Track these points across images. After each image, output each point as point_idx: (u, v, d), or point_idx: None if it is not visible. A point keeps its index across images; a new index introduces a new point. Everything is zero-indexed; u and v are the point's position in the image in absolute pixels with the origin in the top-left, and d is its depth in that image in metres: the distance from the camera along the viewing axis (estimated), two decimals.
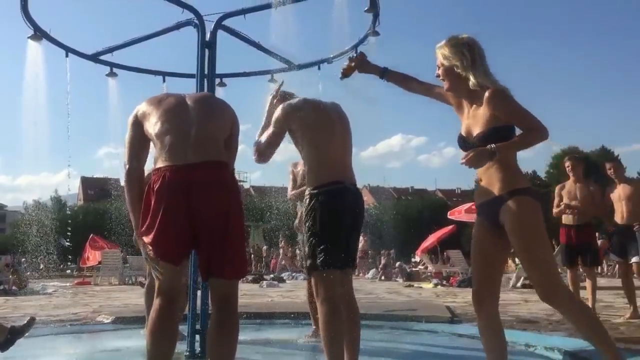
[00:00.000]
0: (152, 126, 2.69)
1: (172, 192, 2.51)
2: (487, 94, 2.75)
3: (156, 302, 2.66)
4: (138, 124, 2.77)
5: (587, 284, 7.16)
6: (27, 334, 4.43)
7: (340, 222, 3.10)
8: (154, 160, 2.68)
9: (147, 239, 2.60)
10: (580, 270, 7.45)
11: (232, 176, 2.71)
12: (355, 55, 5.70)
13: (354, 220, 3.20)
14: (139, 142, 2.77)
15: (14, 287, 13.27)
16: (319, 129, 3.22)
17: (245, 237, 2.73)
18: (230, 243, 2.57)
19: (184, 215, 2.51)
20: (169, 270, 2.62)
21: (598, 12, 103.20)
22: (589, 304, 6.98)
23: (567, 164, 7.43)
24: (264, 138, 3.30)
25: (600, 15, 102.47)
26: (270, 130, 3.28)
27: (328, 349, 2.96)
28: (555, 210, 7.32)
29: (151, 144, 2.74)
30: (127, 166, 2.77)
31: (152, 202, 2.54)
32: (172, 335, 2.69)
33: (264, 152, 3.30)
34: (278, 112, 3.27)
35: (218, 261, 2.59)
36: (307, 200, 3.17)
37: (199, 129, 2.63)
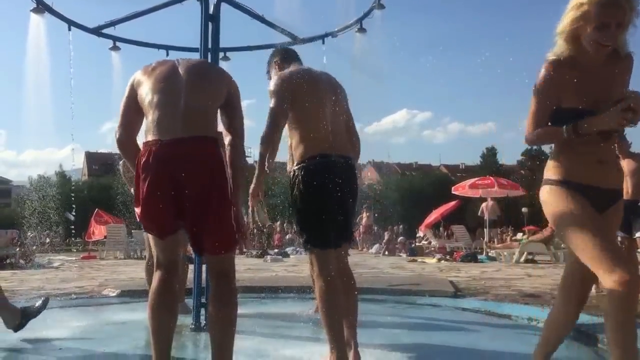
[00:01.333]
0: (144, 97, 2.68)
1: (157, 167, 2.51)
2: (630, 59, 2.52)
3: (155, 275, 2.69)
4: (132, 92, 2.76)
5: None
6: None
7: (322, 197, 3.00)
8: (144, 133, 2.66)
9: (137, 212, 2.63)
10: None
11: (217, 151, 2.60)
12: (360, 28, 5.67)
13: (343, 194, 3.06)
14: (131, 111, 2.76)
15: (20, 261, 13.38)
16: (306, 102, 3.10)
17: (237, 213, 2.64)
18: (214, 219, 2.56)
19: (168, 189, 2.51)
20: (160, 243, 2.66)
21: None
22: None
23: None
24: (265, 127, 3.10)
25: None
26: (271, 105, 3.10)
27: (326, 322, 2.98)
28: None
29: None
30: (117, 135, 2.78)
31: (140, 176, 2.56)
32: (172, 307, 2.70)
33: (273, 130, 3.07)
34: (274, 83, 3.15)
35: (204, 237, 2.61)
36: (291, 176, 3.14)
37: (188, 102, 2.60)
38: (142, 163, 2.55)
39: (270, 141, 3.05)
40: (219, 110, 2.78)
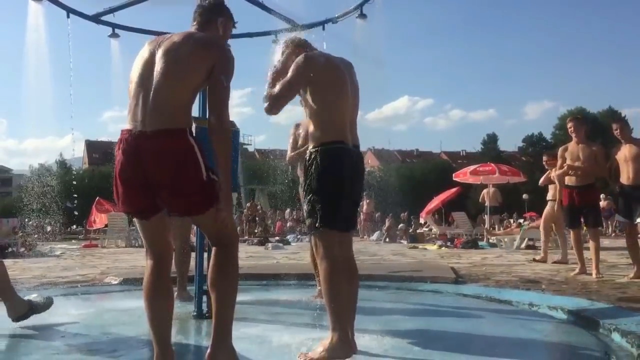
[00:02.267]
0: (130, 79, 2.73)
1: (126, 157, 2.59)
2: None
3: (146, 264, 2.73)
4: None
5: (590, 244, 7.20)
6: (37, 296, 4.50)
7: (339, 181, 3.08)
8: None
9: (115, 196, 2.70)
10: (584, 230, 7.48)
11: (183, 142, 2.57)
12: (360, 14, 5.64)
13: (353, 182, 3.17)
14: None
15: (22, 250, 13.41)
16: (333, 88, 3.16)
17: (207, 191, 2.61)
18: (185, 198, 2.60)
19: (138, 176, 2.57)
20: (144, 225, 2.72)
21: None
22: (592, 264, 7.04)
23: (569, 125, 7.43)
24: (278, 88, 3.19)
25: None
26: (287, 79, 3.16)
27: (330, 304, 2.99)
28: (557, 172, 7.33)
29: None
30: None
31: (114, 163, 2.66)
32: (165, 292, 2.72)
33: (276, 104, 3.19)
34: (300, 61, 3.16)
35: (178, 203, 2.64)
36: (307, 157, 3.17)
37: (157, 92, 2.60)
38: (115, 151, 2.64)
39: (275, 107, 3.17)
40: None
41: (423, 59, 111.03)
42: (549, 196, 9.77)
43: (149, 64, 2.68)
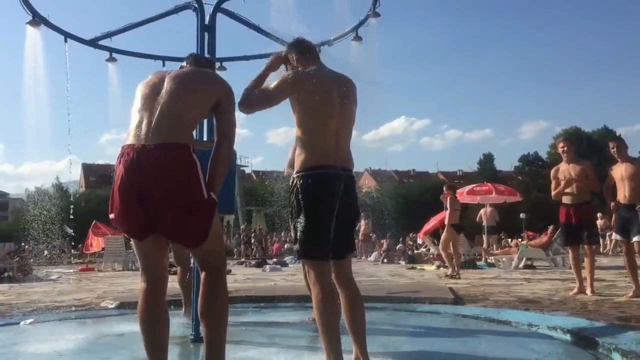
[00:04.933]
0: (133, 104, 2.78)
1: (125, 172, 2.57)
2: None
3: (140, 287, 2.74)
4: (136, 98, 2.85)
5: (586, 262, 7.21)
6: (33, 321, 4.46)
7: (317, 209, 2.99)
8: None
9: (111, 217, 2.67)
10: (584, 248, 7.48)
11: (185, 157, 2.60)
12: (355, 37, 5.69)
13: (342, 207, 3.06)
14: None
15: (19, 274, 13.32)
16: (317, 112, 3.08)
17: (207, 210, 2.64)
18: (181, 216, 2.57)
19: (135, 193, 2.55)
20: (139, 247, 2.71)
21: None
22: (587, 282, 7.03)
23: (562, 144, 7.52)
24: (258, 92, 3.14)
25: None
26: (272, 85, 3.12)
27: (322, 330, 2.95)
28: (554, 192, 7.36)
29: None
30: None
31: (113, 179, 2.65)
32: (160, 316, 2.71)
33: (253, 103, 3.12)
34: (290, 74, 3.15)
35: (176, 232, 2.63)
36: (290, 182, 3.12)
37: (163, 109, 2.65)
38: (116, 166, 2.63)
39: (250, 106, 3.12)
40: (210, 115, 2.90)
41: (419, 80, 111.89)
42: (446, 221, 11.34)
43: (155, 86, 2.76)
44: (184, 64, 3.24)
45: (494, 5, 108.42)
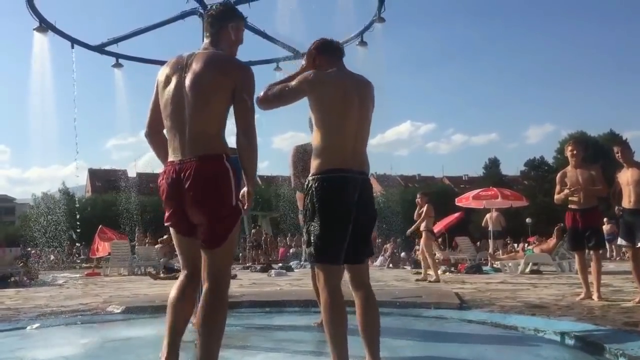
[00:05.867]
0: (162, 116, 2.98)
1: (169, 183, 2.88)
2: None
3: (180, 275, 3.04)
4: (155, 94, 3.05)
5: (592, 267, 7.17)
6: (39, 325, 4.47)
7: (336, 212, 3.00)
8: None
9: (167, 224, 2.99)
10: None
11: (216, 165, 2.83)
12: (361, 42, 5.71)
13: (358, 211, 3.06)
14: (153, 111, 3.06)
15: (25, 279, 13.36)
16: (335, 115, 3.08)
17: (232, 217, 2.88)
18: (209, 219, 2.84)
19: (179, 203, 2.87)
20: (181, 243, 2.99)
21: None
22: (594, 286, 7.00)
23: (571, 148, 7.43)
24: (278, 86, 3.17)
25: None
26: (292, 83, 3.13)
27: (328, 333, 2.96)
28: (556, 196, 7.34)
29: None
30: (145, 130, 3.12)
31: (159, 189, 2.98)
32: (184, 302, 2.94)
33: (270, 99, 3.15)
34: (311, 73, 3.13)
35: (205, 236, 2.89)
36: (306, 185, 3.13)
37: (191, 127, 2.85)
38: (159, 181, 2.97)
39: (267, 102, 3.16)
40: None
41: (425, 84, 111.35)
42: (422, 227, 11.72)
43: (176, 97, 2.90)
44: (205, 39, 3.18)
45: (500, 9, 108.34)
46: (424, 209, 11.72)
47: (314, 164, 3.10)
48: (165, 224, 3.00)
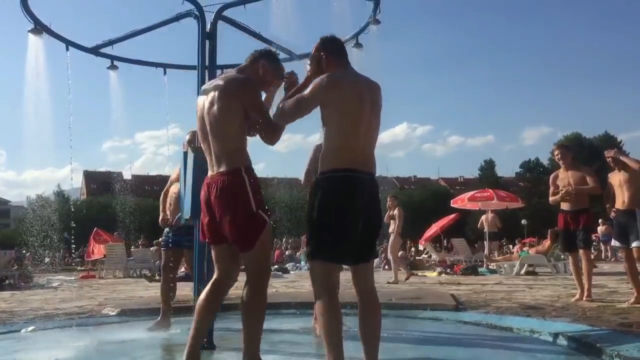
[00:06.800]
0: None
1: (203, 197, 3.33)
2: None
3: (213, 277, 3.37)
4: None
5: (583, 266, 7.19)
6: (34, 328, 4.45)
7: (342, 211, 2.97)
8: None
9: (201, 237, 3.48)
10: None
11: (236, 180, 3.18)
12: (356, 44, 5.71)
13: (365, 212, 3.05)
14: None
15: (20, 282, 13.32)
16: (348, 114, 3.06)
17: (256, 222, 3.18)
18: (236, 230, 3.18)
19: (210, 213, 3.26)
20: (213, 250, 3.37)
21: None
22: (585, 286, 7.02)
23: (557, 153, 7.54)
24: (291, 101, 3.17)
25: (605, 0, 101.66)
26: (304, 94, 3.13)
27: (325, 335, 2.92)
28: (551, 198, 7.37)
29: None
30: None
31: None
32: (211, 303, 3.28)
33: (286, 118, 3.24)
34: (324, 79, 3.09)
35: (232, 240, 3.25)
36: (313, 184, 3.13)
37: (213, 144, 3.28)
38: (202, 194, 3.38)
39: (284, 116, 3.26)
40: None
41: (422, 86, 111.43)
42: (390, 229, 11.99)
43: (202, 123, 3.35)
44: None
45: (496, 11, 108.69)
46: (395, 211, 11.80)
47: (324, 162, 3.08)
48: (201, 241, 3.46)
